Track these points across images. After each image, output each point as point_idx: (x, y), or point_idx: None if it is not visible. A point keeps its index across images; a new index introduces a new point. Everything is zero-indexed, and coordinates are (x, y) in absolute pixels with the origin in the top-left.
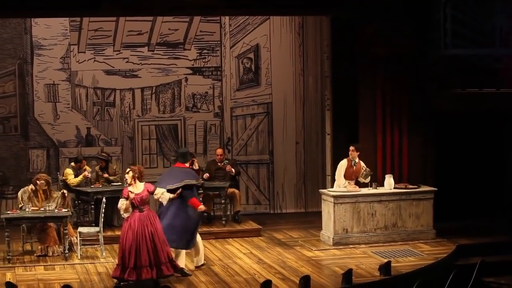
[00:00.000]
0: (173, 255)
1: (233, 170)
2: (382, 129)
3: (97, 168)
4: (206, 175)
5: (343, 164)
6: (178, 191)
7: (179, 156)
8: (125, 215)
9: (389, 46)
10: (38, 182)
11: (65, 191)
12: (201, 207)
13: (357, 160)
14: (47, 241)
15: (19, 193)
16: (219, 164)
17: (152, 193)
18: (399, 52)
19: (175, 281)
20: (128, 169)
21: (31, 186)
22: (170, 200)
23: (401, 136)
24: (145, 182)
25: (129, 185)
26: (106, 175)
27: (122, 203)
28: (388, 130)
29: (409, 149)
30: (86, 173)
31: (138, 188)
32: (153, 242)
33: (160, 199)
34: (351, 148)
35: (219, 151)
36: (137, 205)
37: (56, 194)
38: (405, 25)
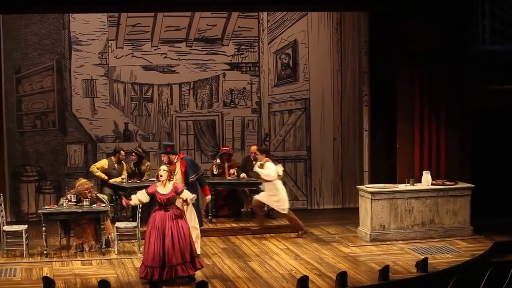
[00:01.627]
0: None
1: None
2: (419, 125)
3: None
4: (243, 176)
5: None
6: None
7: (173, 148)
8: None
9: (427, 42)
10: (82, 196)
11: (105, 198)
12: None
13: (263, 161)
14: (83, 237)
15: (61, 202)
16: (254, 162)
17: (179, 193)
18: (437, 48)
19: (212, 277)
20: (166, 168)
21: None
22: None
23: (439, 132)
24: (174, 182)
25: (161, 182)
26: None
27: (142, 196)
28: (425, 126)
29: (446, 145)
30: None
31: (166, 189)
32: (172, 242)
33: (188, 200)
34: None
35: (253, 148)
36: (163, 204)
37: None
38: (443, 21)
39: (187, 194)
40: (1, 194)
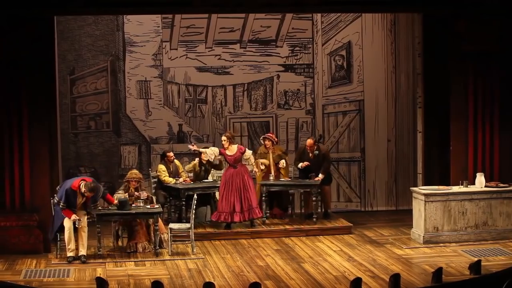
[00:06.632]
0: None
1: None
2: (473, 127)
3: (195, 162)
4: (304, 164)
5: None
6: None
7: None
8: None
9: (481, 42)
10: (130, 185)
11: (150, 195)
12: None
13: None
14: (136, 237)
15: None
16: (310, 155)
17: (243, 153)
18: (491, 48)
19: (265, 278)
20: (224, 137)
21: (124, 189)
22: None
23: (493, 134)
24: (238, 144)
25: (226, 149)
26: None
27: (215, 153)
28: (479, 127)
29: (500, 146)
30: (182, 179)
31: (231, 150)
32: (241, 191)
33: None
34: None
35: (309, 141)
36: (231, 164)
37: (144, 194)
38: (498, 21)
39: (248, 154)
40: (55, 195)
